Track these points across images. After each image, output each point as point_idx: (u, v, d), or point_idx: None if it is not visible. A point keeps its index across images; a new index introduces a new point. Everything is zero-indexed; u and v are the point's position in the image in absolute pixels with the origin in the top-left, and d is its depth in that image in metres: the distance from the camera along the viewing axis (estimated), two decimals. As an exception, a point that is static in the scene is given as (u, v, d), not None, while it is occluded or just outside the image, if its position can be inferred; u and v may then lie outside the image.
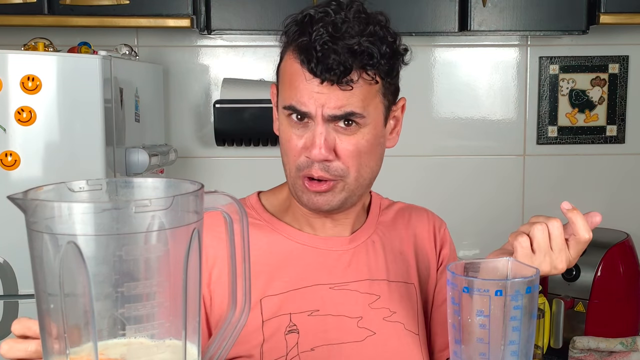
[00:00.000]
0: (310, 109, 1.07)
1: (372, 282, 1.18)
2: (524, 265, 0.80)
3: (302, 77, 1.07)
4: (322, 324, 1.14)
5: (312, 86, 1.06)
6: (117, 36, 2.27)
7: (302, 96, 1.07)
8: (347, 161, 1.09)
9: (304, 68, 1.06)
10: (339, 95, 1.06)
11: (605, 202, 2.50)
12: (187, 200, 0.65)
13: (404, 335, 1.17)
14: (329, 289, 1.16)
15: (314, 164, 1.08)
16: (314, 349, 1.13)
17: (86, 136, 1.74)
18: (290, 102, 1.09)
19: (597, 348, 2.10)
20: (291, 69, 1.09)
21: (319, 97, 1.06)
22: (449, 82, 2.45)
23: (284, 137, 1.12)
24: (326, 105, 1.06)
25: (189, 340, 0.66)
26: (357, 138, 1.09)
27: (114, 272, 0.61)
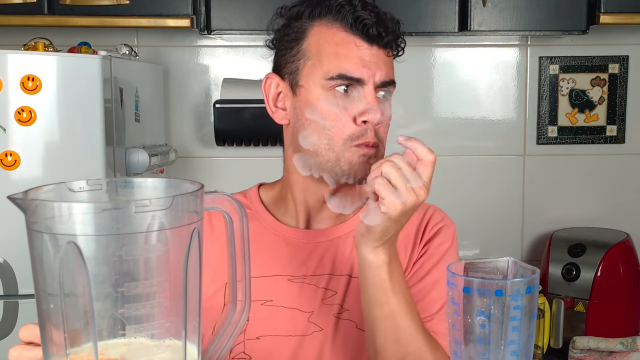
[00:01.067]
0: (364, 75, 1.09)
1: (332, 277, 1.17)
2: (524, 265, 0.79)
3: (352, 44, 1.10)
4: (272, 314, 1.15)
5: (363, 53, 1.10)
6: (117, 36, 2.27)
7: (355, 63, 1.09)
8: (385, 130, 1.13)
9: (356, 35, 1.10)
10: (386, 62, 1.12)
11: (605, 202, 2.50)
12: (187, 200, 0.65)
13: (354, 335, 1.15)
14: (287, 280, 1.17)
15: (368, 132, 1.09)
16: (259, 337, 1.14)
17: (86, 136, 1.74)
18: (340, 71, 1.09)
19: (597, 348, 2.10)
20: (333, 39, 1.11)
21: (371, 64, 1.10)
22: (449, 82, 2.45)
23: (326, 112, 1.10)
24: (378, 71, 1.10)
25: (188, 340, 0.66)
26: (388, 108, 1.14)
27: (114, 272, 0.61)
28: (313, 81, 1.11)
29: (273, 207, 1.24)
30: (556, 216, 2.48)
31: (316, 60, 1.11)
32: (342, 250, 1.19)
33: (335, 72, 1.09)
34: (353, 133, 1.09)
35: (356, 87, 1.10)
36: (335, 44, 1.10)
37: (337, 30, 1.11)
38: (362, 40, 1.10)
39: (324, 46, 1.11)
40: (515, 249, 2.50)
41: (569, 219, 2.47)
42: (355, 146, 1.10)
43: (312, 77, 1.11)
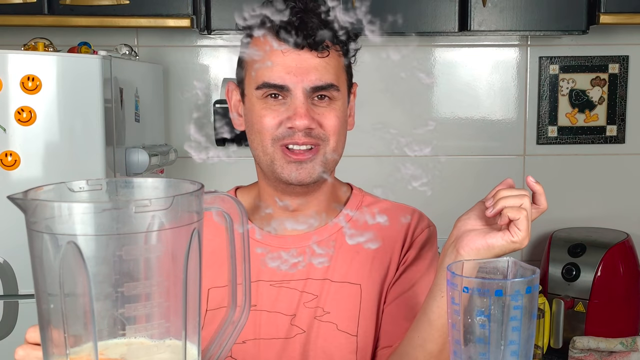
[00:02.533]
0: (289, 83, 1.10)
1: (314, 280, 1.19)
2: (524, 265, 0.79)
3: (277, 52, 1.10)
4: (256, 318, 1.17)
5: (289, 60, 1.10)
6: (117, 36, 2.27)
7: (280, 71, 1.10)
8: (327, 129, 1.13)
9: (281, 42, 1.10)
10: (316, 66, 1.10)
11: (605, 202, 2.50)
12: (187, 200, 0.65)
13: (336, 336, 1.17)
14: (269, 285, 1.18)
15: (295, 134, 1.11)
16: (245, 341, 1.16)
17: (86, 136, 1.74)
18: (264, 80, 1.11)
19: (597, 348, 2.10)
20: (263, 47, 1.11)
21: (297, 70, 1.10)
22: (449, 82, 2.45)
23: (256, 117, 1.13)
24: (305, 77, 1.10)
25: (188, 340, 0.66)
26: (332, 109, 1.13)
27: (113, 272, 0.61)
28: (250, 90, 1.14)
29: (252, 212, 1.25)
30: (556, 216, 2.48)
31: (250, 71, 1.14)
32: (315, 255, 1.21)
33: (260, 81, 1.11)
34: (279, 134, 1.12)
35: (287, 94, 1.11)
36: (264, 52, 1.11)
37: (267, 38, 1.11)
38: (288, 46, 1.10)
39: (254, 56, 1.13)
40: (515, 249, 2.50)
41: (569, 219, 2.47)
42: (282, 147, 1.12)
43: (249, 87, 1.15)
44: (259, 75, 1.12)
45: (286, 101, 1.11)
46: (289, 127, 1.11)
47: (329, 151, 1.14)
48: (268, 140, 1.13)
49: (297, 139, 1.11)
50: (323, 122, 1.12)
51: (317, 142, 1.12)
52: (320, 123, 1.12)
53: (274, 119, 1.12)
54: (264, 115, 1.12)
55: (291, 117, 1.10)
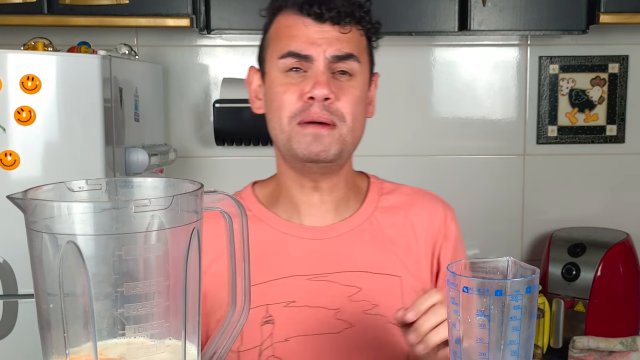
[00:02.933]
0: (312, 52, 1.12)
1: (353, 273, 1.17)
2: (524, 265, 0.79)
3: (300, 25, 1.14)
4: (298, 315, 1.15)
5: (312, 31, 1.13)
6: (117, 36, 2.27)
7: (304, 41, 1.13)
8: (345, 105, 1.13)
9: (304, 16, 1.13)
10: (339, 38, 1.13)
11: (605, 202, 2.50)
12: (187, 200, 0.65)
13: (387, 329, 1.16)
14: (306, 280, 1.16)
15: (312, 106, 1.11)
16: (288, 339, 1.15)
17: (86, 136, 1.74)
18: (289, 49, 1.13)
19: (597, 348, 2.10)
20: (286, 22, 1.16)
21: (319, 40, 1.13)
22: (449, 82, 2.45)
23: (276, 92, 1.15)
24: (327, 47, 1.12)
25: (188, 340, 0.66)
26: (352, 85, 1.14)
27: (113, 271, 0.61)
28: (272, 65, 1.16)
29: (271, 204, 1.24)
30: (556, 216, 2.48)
31: (273, 46, 1.17)
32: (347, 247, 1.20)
33: (285, 51, 1.13)
34: (297, 109, 1.12)
35: (308, 67, 1.13)
36: (287, 26, 1.15)
37: (290, 15, 1.15)
38: (310, 19, 1.13)
39: (279, 31, 1.17)
40: (515, 248, 2.50)
41: (569, 218, 2.47)
42: (299, 124, 1.12)
43: (271, 62, 1.17)
44: (283, 46, 1.14)
45: (307, 74, 1.13)
46: (308, 98, 1.11)
47: (346, 131, 1.14)
48: (286, 118, 1.13)
49: (313, 113, 1.11)
50: (341, 97, 1.13)
51: (333, 119, 1.12)
52: (338, 97, 1.12)
53: (293, 93, 1.13)
54: (284, 91, 1.14)
55: (311, 88, 1.11)
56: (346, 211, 1.22)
